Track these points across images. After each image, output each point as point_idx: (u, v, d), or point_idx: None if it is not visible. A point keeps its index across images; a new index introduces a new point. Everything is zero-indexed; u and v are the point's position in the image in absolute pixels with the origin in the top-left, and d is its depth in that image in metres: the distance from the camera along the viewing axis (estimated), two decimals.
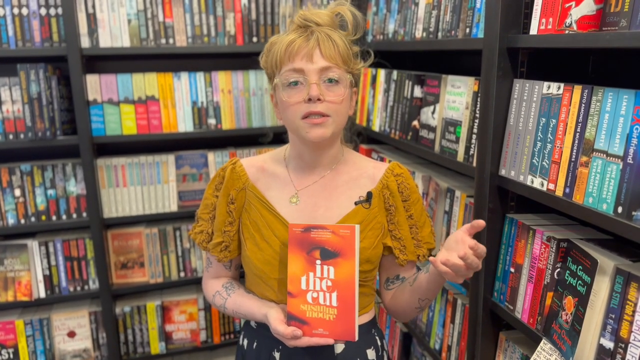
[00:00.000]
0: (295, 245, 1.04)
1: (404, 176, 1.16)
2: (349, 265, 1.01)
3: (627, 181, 0.91)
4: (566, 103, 1.05)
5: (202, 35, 2.13)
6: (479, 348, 1.35)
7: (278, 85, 1.06)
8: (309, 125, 1.03)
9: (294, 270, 1.05)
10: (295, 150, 1.15)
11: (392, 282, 1.21)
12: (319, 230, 1.03)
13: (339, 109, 1.05)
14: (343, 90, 1.05)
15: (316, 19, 1.07)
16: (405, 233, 1.15)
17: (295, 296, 1.05)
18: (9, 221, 2.03)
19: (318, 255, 1.03)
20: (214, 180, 1.19)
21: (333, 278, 1.02)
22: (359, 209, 1.13)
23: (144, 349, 2.27)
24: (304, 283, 1.04)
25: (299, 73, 1.03)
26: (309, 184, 1.15)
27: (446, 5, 1.47)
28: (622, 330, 0.94)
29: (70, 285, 2.14)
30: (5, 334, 2.09)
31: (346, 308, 1.02)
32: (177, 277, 2.26)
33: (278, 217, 1.12)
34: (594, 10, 1.04)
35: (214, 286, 1.23)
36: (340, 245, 1.02)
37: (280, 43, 1.06)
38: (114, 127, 2.09)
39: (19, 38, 1.94)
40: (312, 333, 1.03)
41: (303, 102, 1.03)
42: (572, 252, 1.08)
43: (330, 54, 1.04)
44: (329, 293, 1.03)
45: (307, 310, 1.04)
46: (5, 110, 1.96)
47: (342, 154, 1.18)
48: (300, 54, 1.04)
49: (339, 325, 1.02)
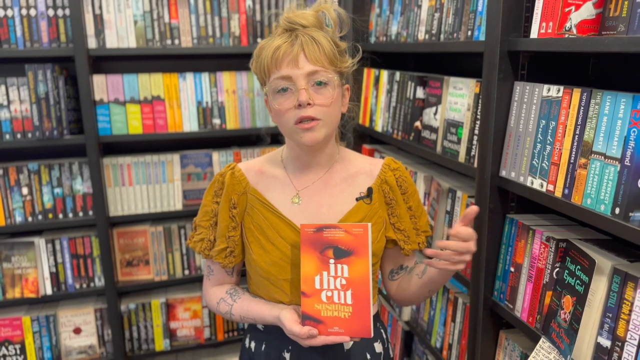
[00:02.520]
0: (308, 245, 1.05)
1: (400, 170, 1.20)
2: (363, 263, 1.03)
3: (625, 183, 0.92)
4: (565, 106, 1.07)
5: (207, 36, 2.15)
6: (479, 346, 1.37)
7: (268, 92, 1.08)
8: (302, 130, 1.05)
9: (307, 270, 1.06)
10: (293, 152, 1.16)
11: (396, 273, 1.25)
12: (332, 230, 1.04)
13: (328, 111, 1.07)
14: (332, 91, 1.06)
15: (301, 21, 1.08)
16: (407, 224, 1.19)
17: (309, 296, 1.05)
18: (16, 219, 2.06)
19: (331, 255, 1.04)
20: (213, 187, 1.19)
21: (347, 276, 1.04)
22: (361, 205, 1.15)
23: (149, 346, 2.30)
24: (318, 282, 1.05)
25: (287, 80, 1.04)
26: (308, 183, 1.17)
27: (449, 8, 1.48)
28: (619, 329, 0.96)
29: (76, 283, 2.17)
30: (12, 330, 2.12)
31: (361, 305, 1.03)
32: (182, 275, 2.29)
33: (282, 218, 1.13)
34: (594, 15, 1.06)
35: (216, 294, 1.22)
36: (353, 243, 1.03)
37: (267, 48, 1.07)
38: (120, 127, 2.12)
39: (27, 39, 1.97)
40: (328, 332, 1.04)
41: (294, 108, 1.04)
42: (570, 252, 1.09)
43: (316, 56, 1.04)
44: (343, 291, 1.04)
45: (321, 310, 1.05)
46: (13, 110, 1.98)
47: (338, 152, 1.20)
48: (286, 60, 1.04)
49: (355, 322, 1.03)
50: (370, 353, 1.18)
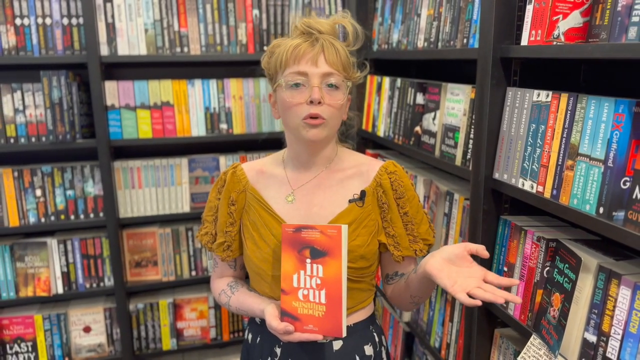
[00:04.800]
0: (287, 244, 1.09)
1: (397, 174, 1.18)
2: (336, 264, 1.05)
3: (608, 183, 0.97)
4: (554, 110, 1.11)
5: (215, 44, 2.22)
6: (475, 345, 1.41)
7: (281, 85, 1.11)
8: (309, 126, 1.09)
9: (286, 268, 1.09)
10: (292, 151, 1.20)
11: (391, 278, 1.25)
12: (309, 230, 1.07)
13: (335, 113, 1.11)
14: (342, 95, 1.12)
15: (318, 27, 1.13)
16: (400, 230, 1.18)
17: (288, 293, 1.09)
18: (30, 220, 2.13)
19: (308, 254, 1.07)
20: (217, 184, 1.25)
21: (322, 276, 1.06)
22: (353, 207, 1.16)
23: (156, 345, 2.35)
24: (296, 281, 1.08)
25: (302, 75, 1.09)
26: (304, 182, 1.20)
27: (446, 17, 1.54)
28: (604, 324, 1.00)
29: (86, 282, 2.23)
30: (24, 327, 2.19)
31: (334, 305, 1.05)
32: (189, 276, 2.35)
33: (274, 216, 1.17)
34: (581, 23, 1.10)
35: (219, 285, 1.29)
36: (328, 244, 1.05)
37: (284, 45, 1.12)
38: (130, 131, 2.19)
39: (42, 46, 2.05)
40: (303, 329, 1.07)
41: (305, 104, 1.09)
42: (560, 251, 1.13)
43: (333, 60, 1.10)
44: (318, 291, 1.06)
45: (298, 307, 1.07)
46: (28, 115, 2.06)
47: (336, 153, 1.22)
48: (306, 57, 1.09)
49: (328, 321, 1.06)
50: (359, 355, 1.19)
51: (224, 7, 2.21)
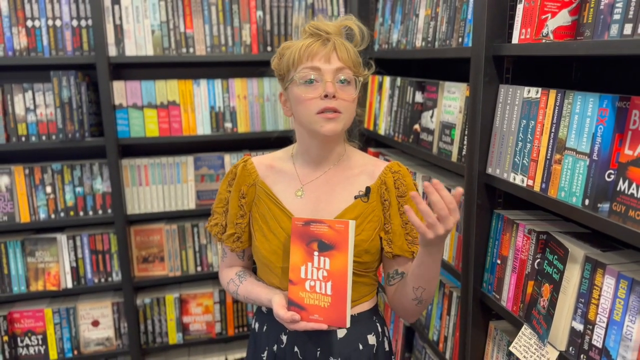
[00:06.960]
0: (296, 237, 1.13)
1: (401, 173, 1.22)
2: (343, 257, 1.09)
3: (593, 176, 1.00)
4: (543, 106, 1.15)
5: (220, 45, 2.27)
6: (470, 337, 1.44)
7: (295, 81, 1.16)
8: (324, 120, 1.13)
9: (295, 260, 1.13)
10: (303, 146, 1.24)
11: (392, 278, 1.26)
12: (318, 224, 1.11)
13: (349, 107, 1.16)
14: (353, 90, 1.16)
15: (326, 29, 1.18)
16: (396, 227, 1.20)
17: (295, 284, 1.13)
18: (40, 216, 2.20)
19: (316, 247, 1.11)
20: (227, 177, 1.30)
21: (328, 269, 1.10)
22: (358, 203, 1.21)
23: (163, 339, 2.40)
24: (303, 272, 1.12)
25: (316, 71, 1.14)
26: (313, 178, 1.24)
27: (442, 17, 1.57)
28: (590, 312, 1.03)
29: (95, 277, 2.29)
30: (35, 321, 2.25)
31: (339, 297, 1.10)
32: (195, 272, 2.40)
33: (284, 210, 1.22)
34: (570, 22, 1.14)
35: (228, 274, 1.34)
36: (335, 238, 1.10)
37: (296, 46, 1.17)
38: (137, 130, 2.25)
39: (52, 47, 2.12)
40: (309, 318, 1.12)
41: (319, 99, 1.13)
42: (550, 243, 1.16)
43: (345, 57, 1.15)
44: (324, 282, 1.10)
45: (305, 297, 1.12)
46: (39, 114, 2.13)
47: (345, 151, 1.26)
48: (319, 54, 1.14)
49: (332, 312, 1.10)
50: (362, 344, 1.23)
51: (229, 9, 2.26)
